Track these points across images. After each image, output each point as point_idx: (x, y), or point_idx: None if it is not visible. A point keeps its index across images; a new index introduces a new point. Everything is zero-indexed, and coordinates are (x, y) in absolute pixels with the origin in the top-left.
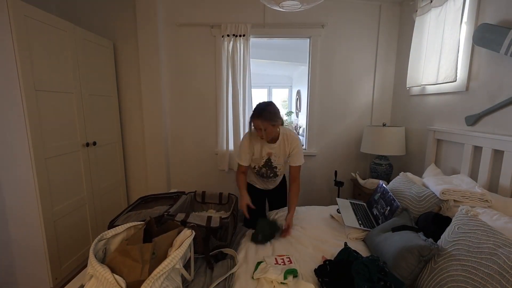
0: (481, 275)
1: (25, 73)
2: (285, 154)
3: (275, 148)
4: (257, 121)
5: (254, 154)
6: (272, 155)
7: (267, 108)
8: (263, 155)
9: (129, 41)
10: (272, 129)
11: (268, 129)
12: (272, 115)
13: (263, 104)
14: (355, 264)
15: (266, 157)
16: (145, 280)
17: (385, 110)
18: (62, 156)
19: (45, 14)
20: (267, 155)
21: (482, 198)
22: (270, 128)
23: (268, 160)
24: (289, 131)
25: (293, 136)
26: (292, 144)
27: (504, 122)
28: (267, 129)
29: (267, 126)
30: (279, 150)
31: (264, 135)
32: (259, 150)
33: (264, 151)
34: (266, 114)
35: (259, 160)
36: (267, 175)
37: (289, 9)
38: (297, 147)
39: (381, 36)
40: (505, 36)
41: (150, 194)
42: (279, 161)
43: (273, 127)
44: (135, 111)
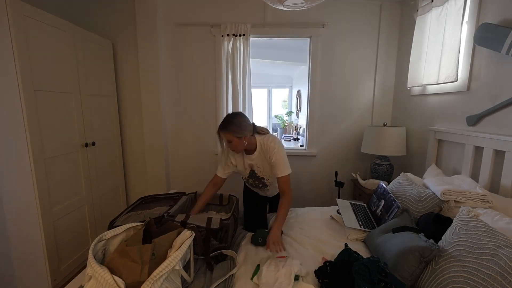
0: (482, 276)
1: (24, 73)
2: (268, 164)
3: (255, 159)
4: (221, 133)
5: (237, 166)
6: (254, 166)
7: (232, 121)
8: (246, 167)
9: (128, 41)
10: (238, 141)
11: (234, 141)
12: (236, 127)
13: (230, 116)
14: (355, 265)
15: (249, 169)
16: (145, 281)
17: (386, 110)
18: (61, 156)
19: (44, 14)
20: (249, 166)
21: (483, 198)
22: (235, 141)
23: (252, 172)
24: (267, 140)
25: (269, 144)
26: (270, 153)
27: (505, 122)
28: (232, 141)
29: (232, 138)
30: (259, 160)
31: (231, 147)
32: (241, 162)
33: (245, 163)
34: (230, 127)
35: (244, 172)
36: (257, 186)
37: (293, 8)
38: (276, 155)
39: (382, 36)
40: (506, 36)
41: (150, 195)
42: (264, 171)
43: (238, 140)
44: (135, 111)
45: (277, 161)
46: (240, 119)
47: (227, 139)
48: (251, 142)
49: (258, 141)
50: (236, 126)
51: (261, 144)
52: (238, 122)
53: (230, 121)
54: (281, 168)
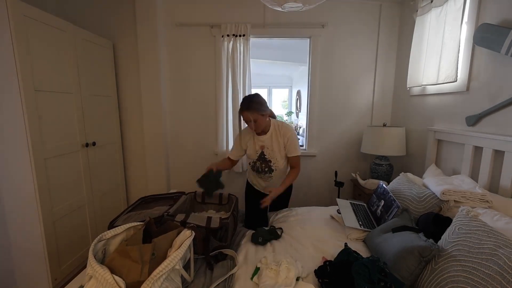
0: (482, 276)
1: (24, 73)
2: (279, 145)
3: (266, 140)
4: (245, 113)
5: (248, 149)
6: (264, 148)
7: (253, 99)
8: (256, 149)
9: (128, 41)
10: (262, 119)
11: (258, 120)
12: (259, 105)
13: (249, 96)
14: (355, 265)
15: (260, 150)
16: (145, 281)
17: (386, 110)
18: (61, 156)
19: (44, 14)
20: (260, 148)
21: (483, 198)
22: (260, 119)
23: (262, 154)
24: (281, 122)
25: (286, 126)
26: (286, 133)
27: (504, 123)
28: (257, 120)
29: (257, 116)
30: (270, 142)
31: (254, 127)
32: (253, 145)
33: (256, 144)
34: (254, 105)
35: (254, 155)
36: (263, 170)
37: (292, 10)
38: (291, 136)
39: (382, 36)
40: (505, 36)
41: (150, 195)
42: (273, 154)
43: (262, 117)
44: (135, 111)
45: (292, 143)
46: (259, 97)
47: (253, 118)
48: (268, 124)
49: (272, 123)
50: (259, 104)
51: (275, 125)
52: (260, 101)
53: (253, 100)
54: (296, 148)
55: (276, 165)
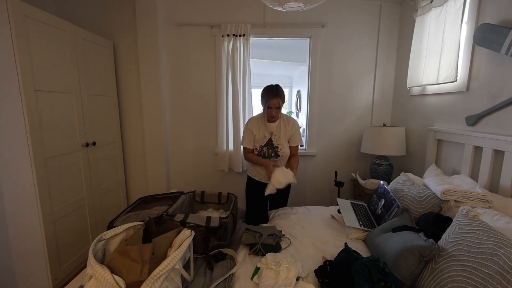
0: (482, 276)
1: (24, 73)
2: (285, 133)
3: (275, 128)
4: (276, 99)
5: (257, 135)
6: (273, 134)
7: (281, 89)
8: (265, 135)
9: (128, 41)
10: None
11: (281, 107)
12: (283, 94)
13: (274, 85)
14: (355, 265)
15: (268, 136)
16: (145, 281)
17: (386, 110)
18: (61, 156)
19: (44, 14)
20: (269, 134)
21: (483, 198)
22: (281, 107)
23: (270, 140)
24: (288, 115)
25: (292, 118)
26: (294, 125)
27: (504, 122)
28: (280, 107)
29: (281, 104)
30: (279, 129)
31: (278, 113)
32: (262, 131)
33: (266, 131)
34: (281, 94)
35: (262, 141)
36: (269, 155)
37: (292, 10)
38: (298, 128)
39: (382, 36)
40: (505, 36)
41: (149, 195)
42: (280, 141)
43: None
44: (135, 111)
45: (298, 133)
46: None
47: (281, 104)
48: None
49: (281, 114)
50: (284, 93)
51: (283, 116)
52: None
53: (281, 90)
54: (300, 138)
55: (282, 151)
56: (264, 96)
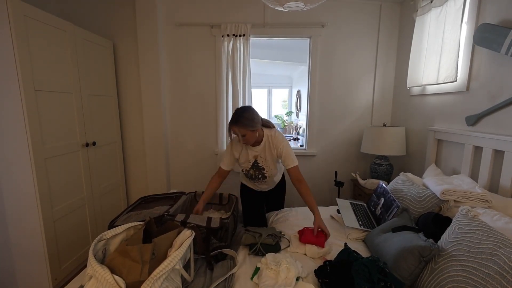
0: (482, 276)
1: (24, 73)
2: (272, 155)
3: (260, 151)
4: (234, 127)
5: (240, 158)
6: (258, 157)
7: (243, 115)
8: (249, 159)
9: (128, 41)
10: (251, 134)
11: (247, 134)
12: (249, 121)
13: (240, 110)
14: (355, 265)
15: (253, 160)
16: (145, 281)
17: (386, 110)
18: (61, 156)
19: (44, 14)
20: (253, 158)
21: (483, 198)
22: (249, 134)
23: (255, 163)
24: (274, 133)
25: (278, 137)
26: (278, 146)
27: (504, 122)
28: (245, 135)
29: (245, 132)
30: (264, 152)
31: (243, 140)
32: (245, 154)
33: (250, 154)
34: (243, 121)
35: (247, 164)
36: (256, 177)
37: (293, 9)
38: (284, 148)
39: (382, 36)
40: (505, 36)
41: (150, 194)
42: (267, 163)
43: (252, 133)
44: (135, 111)
45: (287, 154)
46: (251, 112)
47: (241, 133)
48: (259, 134)
49: (265, 133)
50: (249, 120)
51: (268, 136)
52: (250, 116)
53: (243, 116)
54: (291, 159)
55: (269, 172)
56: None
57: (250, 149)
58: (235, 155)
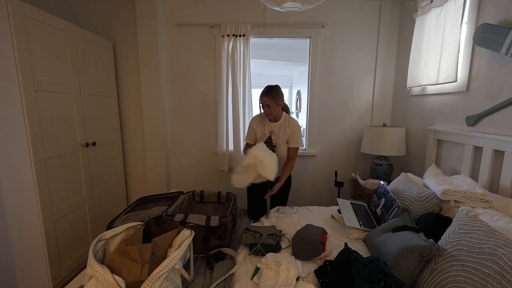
0: (482, 276)
1: (24, 73)
2: (284, 133)
3: (276, 127)
4: (264, 97)
5: (258, 132)
6: (273, 133)
7: (274, 89)
8: (265, 133)
9: (128, 41)
10: (276, 107)
11: (273, 106)
12: (277, 94)
13: (271, 85)
14: (355, 265)
15: (268, 135)
16: (145, 281)
17: (386, 110)
18: (61, 156)
19: (44, 14)
20: (269, 133)
21: (483, 198)
22: (274, 106)
23: (269, 138)
24: (292, 117)
25: (294, 120)
26: (293, 127)
27: (504, 123)
28: (272, 106)
29: (272, 103)
30: (279, 129)
31: (269, 111)
32: (263, 129)
33: (266, 129)
34: (273, 93)
35: (262, 138)
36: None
37: (290, 10)
38: (297, 130)
39: (382, 36)
40: (505, 36)
41: (149, 195)
42: (279, 140)
43: (277, 106)
44: (135, 111)
45: (296, 135)
46: (280, 89)
47: (270, 103)
48: (280, 113)
49: (284, 115)
50: (278, 94)
51: (285, 118)
52: (278, 91)
53: (273, 89)
54: (298, 140)
55: (279, 150)
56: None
57: (267, 124)
58: (255, 128)
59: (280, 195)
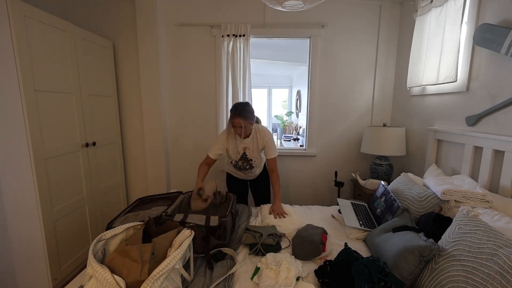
0: (482, 276)
1: (24, 73)
2: (258, 146)
3: (249, 143)
4: (238, 119)
5: (229, 150)
6: (246, 149)
7: (246, 108)
8: (239, 150)
9: (128, 41)
10: (249, 126)
11: (247, 127)
12: (250, 114)
13: (242, 104)
14: (355, 265)
15: (242, 151)
16: (145, 281)
17: (386, 110)
18: (61, 156)
19: (44, 14)
20: (242, 149)
21: (483, 198)
22: (248, 126)
23: (244, 154)
24: (261, 127)
25: (265, 130)
26: (264, 138)
27: (504, 123)
28: (246, 126)
29: (246, 124)
30: (252, 144)
31: (242, 131)
32: (235, 146)
33: (239, 146)
34: (246, 114)
35: (236, 155)
36: (244, 167)
37: (292, 9)
38: (269, 140)
39: (382, 36)
40: (505, 36)
41: (148, 195)
42: (254, 154)
43: (250, 125)
44: (135, 111)
45: (270, 146)
46: (251, 107)
47: (243, 124)
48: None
49: (254, 127)
50: (250, 113)
51: (255, 130)
52: (251, 110)
53: (245, 109)
54: (273, 151)
55: (256, 162)
56: (231, 114)
57: (240, 142)
58: (226, 146)
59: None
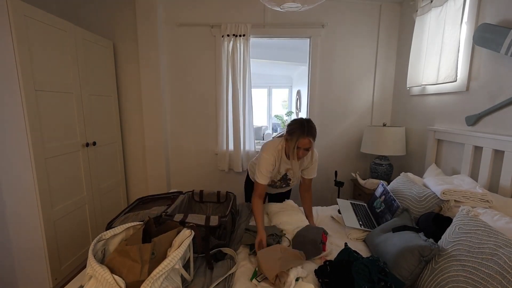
0: (482, 276)
1: (25, 73)
2: (301, 167)
3: (294, 163)
4: (307, 139)
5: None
6: (289, 170)
7: (312, 125)
8: (281, 171)
9: (129, 41)
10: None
11: (312, 148)
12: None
13: (305, 120)
14: (355, 265)
15: (284, 172)
16: (145, 280)
17: (385, 110)
18: (62, 156)
19: (45, 14)
20: (285, 171)
21: (483, 198)
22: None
23: (285, 175)
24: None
25: (316, 152)
26: (313, 158)
27: (504, 122)
28: (310, 148)
29: (312, 145)
30: (295, 164)
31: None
32: (278, 166)
33: (282, 167)
34: (314, 132)
35: (276, 176)
36: (280, 186)
37: (290, 10)
38: (316, 161)
39: (381, 36)
40: (505, 36)
41: (148, 195)
42: (295, 174)
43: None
44: (135, 111)
45: (315, 166)
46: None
47: (309, 146)
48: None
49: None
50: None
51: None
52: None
53: (313, 126)
54: (315, 171)
55: (294, 182)
56: (295, 133)
57: (284, 162)
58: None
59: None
